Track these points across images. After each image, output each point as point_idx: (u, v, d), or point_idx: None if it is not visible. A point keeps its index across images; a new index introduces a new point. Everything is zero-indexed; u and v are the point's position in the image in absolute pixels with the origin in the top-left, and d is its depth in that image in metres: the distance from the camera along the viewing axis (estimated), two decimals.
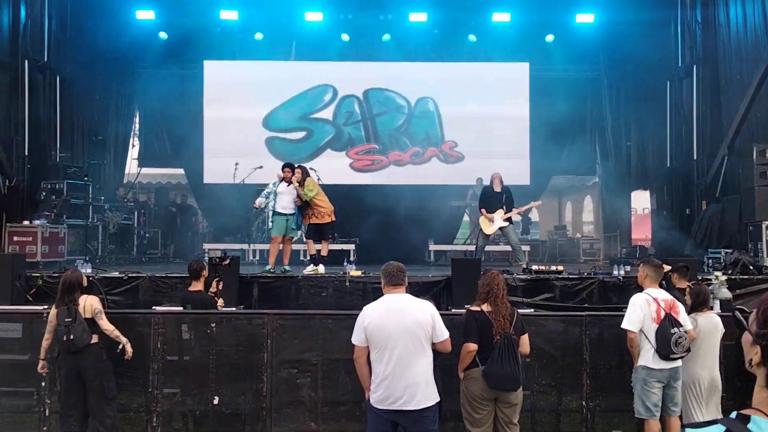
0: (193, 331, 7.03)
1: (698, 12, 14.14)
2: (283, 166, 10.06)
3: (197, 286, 7.35)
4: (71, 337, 5.96)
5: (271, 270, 9.65)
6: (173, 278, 9.01)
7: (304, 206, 9.96)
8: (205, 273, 7.50)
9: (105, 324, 6.27)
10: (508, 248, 11.72)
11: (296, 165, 10.20)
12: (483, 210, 10.63)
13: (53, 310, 6.21)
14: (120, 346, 6.31)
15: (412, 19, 16.19)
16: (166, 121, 16.79)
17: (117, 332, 6.33)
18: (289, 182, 9.84)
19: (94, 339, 6.15)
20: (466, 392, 5.46)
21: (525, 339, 5.58)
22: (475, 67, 16.47)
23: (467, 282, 8.23)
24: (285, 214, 9.89)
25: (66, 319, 6.01)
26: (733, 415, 1.66)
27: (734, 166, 12.12)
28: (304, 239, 10.64)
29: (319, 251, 10.11)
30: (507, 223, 10.47)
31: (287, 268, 9.83)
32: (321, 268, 9.76)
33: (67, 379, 6.14)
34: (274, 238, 10.00)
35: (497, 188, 10.56)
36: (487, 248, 11.47)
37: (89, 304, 6.22)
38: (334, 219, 10.17)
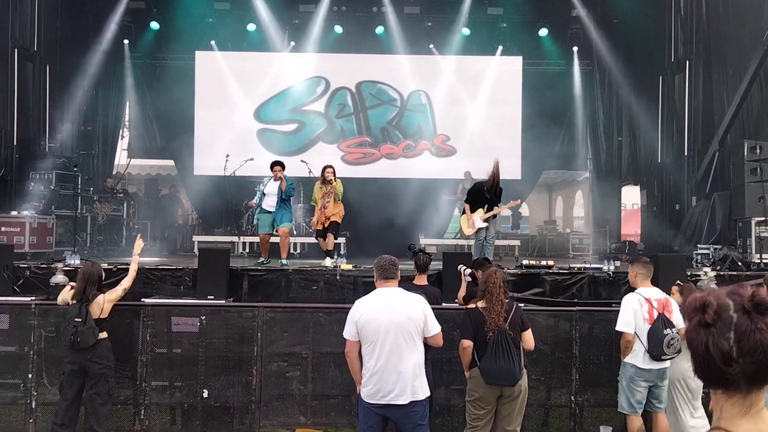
0: None
1: (692, 6, 14.13)
2: (273, 165, 10.07)
3: (422, 279, 7.13)
4: (78, 339, 5.95)
5: (265, 262, 9.64)
6: (162, 270, 8.96)
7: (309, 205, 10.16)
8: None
9: (127, 283, 6.42)
10: (499, 243, 11.57)
11: (326, 165, 10.42)
12: (467, 205, 10.12)
13: (68, 294, 6.17)
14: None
15: (405, 11, 16.15)
16: (156, 111, 16.71)
17: (130, 273, 6.52)
18: (278, 180, 9.91)
19: (102, 335, 6.12)
20: (469, 391, 5.45)
21: (527, 334, 5.51)
22: (469, 60, 16.46)
23: (458, 276, 8.22)
24: (270, 212, 10.03)
25: (76, 319, 5.99)
26: None
27: (725, 162, 12.14)
28: (315, 238, 10.75)
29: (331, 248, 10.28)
30: (486, 224, 10.08)
31: (284, 262, 9.79)
32: (327, 261, 9.82)
33: (70, 373, 6.11)
34: (262, 237, 10.16)
35: (488, 194, 9.89)
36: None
37: (108, 305, 6.21)
38: None
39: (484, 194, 9.93)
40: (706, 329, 1.54)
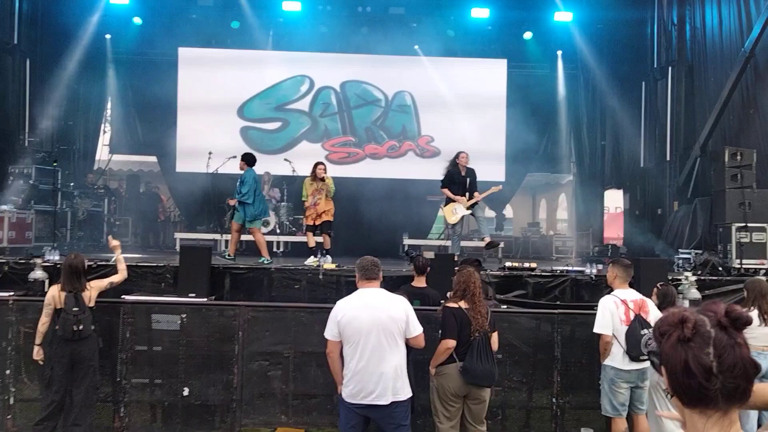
0: None
1: (674, 13, 14.27)
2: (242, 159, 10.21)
3: (421, 281, 7.11)
4: (81, 327, 5.96)
5: (226, 256, 9.64)
6: (143, 267, 8.87)
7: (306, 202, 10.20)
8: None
9: (119, 278, 6.57)
10: (482, 244, 11.66)
11: (318, 162, 10.39)
12: (446, 190, 10.43)
13: (56, 293, 6.11)
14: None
15: (390, 12, 16.15)
16: (138, 107, 16.56)
17: (121, 272, 6.62)
18: None
19: (92, 326, 6.17)
20: (438, 388, 5.45)
21: (495, 336, 5.62)
22: (453, 62, 16.47)
23: (441, 277, 8.22)
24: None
25: (74, 308, 5.99)
26: None
27: (706, 168, 12.26)
28: (304, 233, 10.72)
29: (320, 244, 10.20)
30: (469, 212, 10.41)
31: (262, 260, 9.74)
32: (310, 260, 9.78)
33: (60, 366, 6.06)
34: (233, 224, 10.21)
35: (462, 172, 10.41)
36: (461, 244, 11.46)
37: (95, 291, 6.27)
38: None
39: (459, 177, 10.36)
40: (684, 345, 1.53)
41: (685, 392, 1.54)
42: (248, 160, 10.11)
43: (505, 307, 8.17)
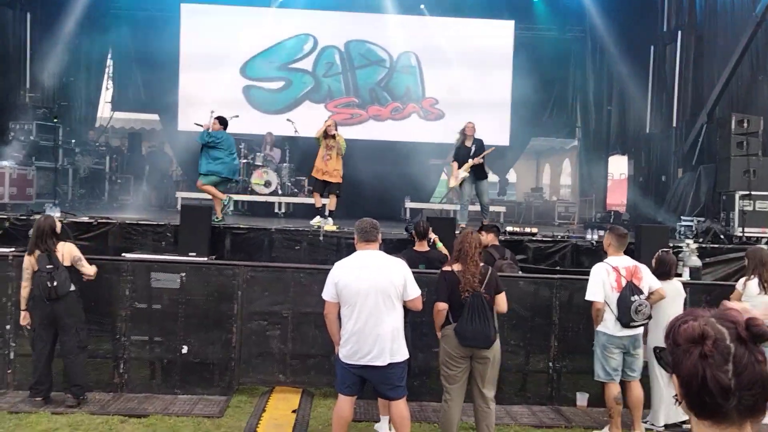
0: None
1: None
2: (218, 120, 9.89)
3: (423, 246, 7.06)
4: (55, 284, 5.95)
5: (217, 220, 9.36)
6: (144, 225, 8.87)
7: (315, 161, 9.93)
8: (432, 234, 7.28)
9: (87, 269, 6.30)
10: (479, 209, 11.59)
11: (329, 117, 10.10)
12: (455, 163, 10.47)
13: (27, 258, 6.12)
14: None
15: None
16: (141, 64, 16.32)
17: (94, 270, 6.38)
18: None
19: (72, 286, 6.14)
20: (441, 350, 5.46)
21: (500, 297, 5.47)
22: (460, 23, 16.20)
23: (442, 240, 8.21)
24: None
25: (47, 266, 5.98)
26: None
27: (712, 135, 12.14)
28: (311, 193, 10.55)
29: (324, 205, 9.95)
30: (467, 174, 10.31)
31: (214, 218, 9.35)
32: (315, 220, 9.63)
33: (41, 326, 6.12)
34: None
35: (468, 142, 10.35)
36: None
37: (68, 252, 6.20)
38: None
39: (464, 149, 10.32)
40: (702, 361, 1.45)
41: (699, 407, 1.48)
42: (223, 121, 9.81)
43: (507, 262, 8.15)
